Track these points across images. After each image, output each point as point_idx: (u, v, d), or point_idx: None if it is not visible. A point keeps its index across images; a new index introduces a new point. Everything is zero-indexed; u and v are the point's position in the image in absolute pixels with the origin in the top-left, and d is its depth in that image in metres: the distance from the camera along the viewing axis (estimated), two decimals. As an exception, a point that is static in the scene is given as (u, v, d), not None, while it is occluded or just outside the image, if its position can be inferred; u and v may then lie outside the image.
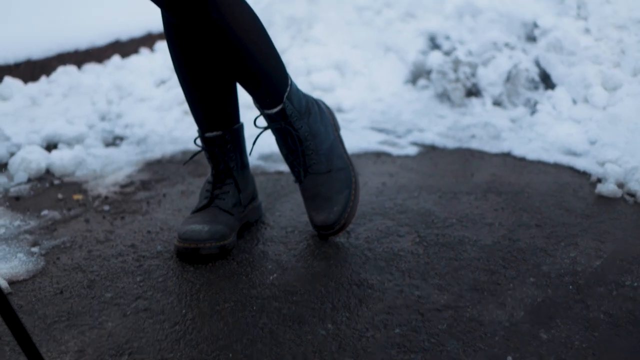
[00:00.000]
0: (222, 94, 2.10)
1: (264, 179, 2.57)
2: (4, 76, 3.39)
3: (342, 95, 3.36)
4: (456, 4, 3.57)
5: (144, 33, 4.16)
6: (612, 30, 3.29)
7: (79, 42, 3.80)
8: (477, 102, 3.27)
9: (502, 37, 3.40)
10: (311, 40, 3.68)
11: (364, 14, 3.77)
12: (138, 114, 3.19)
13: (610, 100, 3.06)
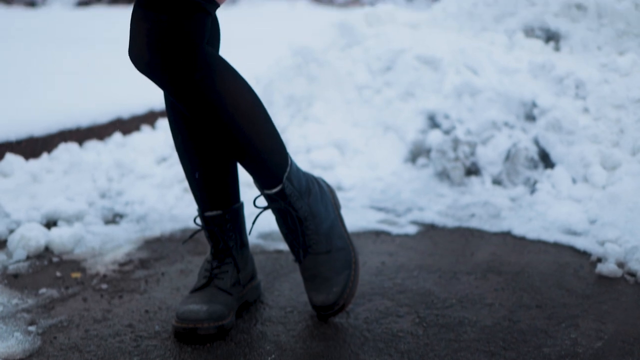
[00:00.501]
0: (222, 173, 2.10)
1: (263, 257, 2.57)
2: (5, 153, 3.40)
3: (342, 174, 3.37)
4: (455, 84, 3.60)
5: (146, 110, 4.19)
6: (610, 110, 3.31)
7: (80, 119, 3.83)
8: (477, 181, 3.28)
9: (501, 116, 3.43)
10: (311, 118, 3.70)
11: (364, 92, 3.80)
12: (138, 192, 3.20)
13: (610, 179, 3.07)
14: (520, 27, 3.94)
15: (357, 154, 3.53)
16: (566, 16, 3.82)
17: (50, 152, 3.58)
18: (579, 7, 3.77)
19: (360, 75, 3.85)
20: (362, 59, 3.92)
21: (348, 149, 3.53)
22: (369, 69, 3.88)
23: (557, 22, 3.84)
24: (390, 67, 3.86)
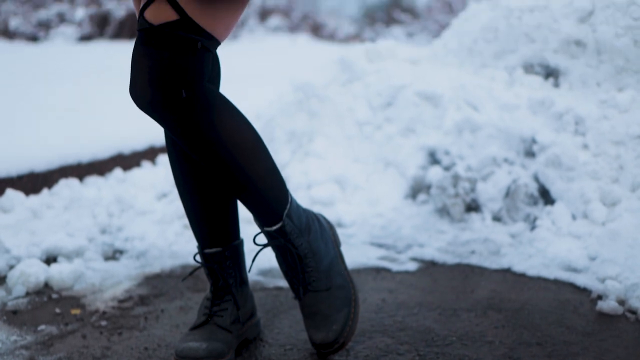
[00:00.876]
0: (222, 210, 2.11)
1: (263, 294, 2.56)
2: (5, 188, 3.41)
3: (343, 210, 3.37)
4: (455, 120, 3.62)
5: (146, 146, 4.20)
6: (610, 146, 3.32)
7: (81, 154, 3.84)
8: (477, 218, 3.28)
9: (501, 152, 3.43)
10: (312, 154, 3.71)
11: (365, 128, 3.81)
12: (138, 227, 3.20)
13: (610, 216, 3.06)
14: (520, 64, 3.96)
15: (357, 190, 3.54)
16: (565, 53, 3.84)
17: (51, 188, 3.59)
18: (578, 43, 3.79)
19: (361, 111, 3.86)
20: (362, 94, 3.93)
21: (349, 185, 3.54)
22: (369, 104, 3.90)
23: (556, 59, 3.86)
24: (391, 103, 3.88)
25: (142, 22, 1.85)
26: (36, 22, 10.93)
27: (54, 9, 10.96)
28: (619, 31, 3.64)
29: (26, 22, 10.89)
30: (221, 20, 1.88)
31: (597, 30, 3.71)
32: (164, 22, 1.81)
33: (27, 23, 10.88)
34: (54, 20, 10.93)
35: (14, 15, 10.97)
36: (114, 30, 10.98)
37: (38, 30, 10.86)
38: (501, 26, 4.06)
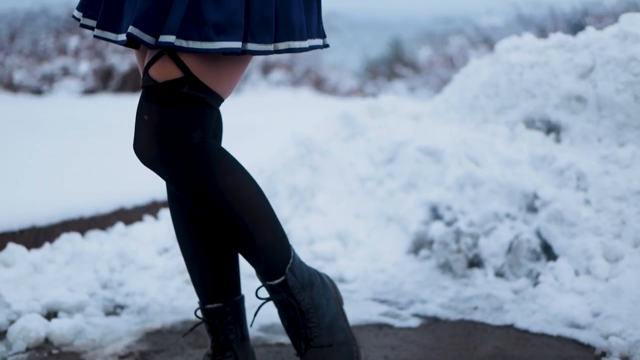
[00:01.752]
0: (223, 265, 2.11)
1: (265, 351, 2.54)
2: (7, 242, 3.41)
3: (344, 266, 3.37)
4: (457, 175, 3.62)
5: (149, 201, 4.21)
6: (611, 202, 3.32)
7: (83, 208, 3.84)
8: (479, 273, 3.27)
9: (503, 208, 3.44)
10: (314, 209, 3.71)
11: (367, 184, 3.82)
12: (140, 283, 3.19)
13: (613, 271, 3.06)
14: (521, 119, 3.97)
15: (359, 246, 3.53)
16: (566, 108, 3.86)
17: (53, 242, 3.58)
18: (579, 99, 3.81)
19: (362, 166, 3.87)
20: (364, 150, 3.95)
21: (350, 241, 3.54)
22: (371, 160, 3.91)
23: (557, 114, 3.87)
24: (393, 158, 3.89)
25: (147, 79, 1.87)
26: (40, 76, 11.00)
27: (58, 63, 11.03)
28: (620, 87, 3.66)
29: (30, 75, 10.96)
30: (224, 78, 1.90)
31: (598, 86, 3.73)
32: (168, 79, 1.84)
33: (31, 76, 10.95)
34: (58, 73, 11.00)
35: (19, 68, 11.04)
36: (118, 84, 11.05)
37: (42, 83, 10.93)
38: (502, 82, 4.09)
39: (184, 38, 1.78)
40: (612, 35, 3.80)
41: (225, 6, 1.78)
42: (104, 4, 1.94)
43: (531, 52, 4.11)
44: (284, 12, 1.86)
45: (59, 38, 11.75)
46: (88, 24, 2.00)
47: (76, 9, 2.06)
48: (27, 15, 12.79)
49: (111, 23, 1.92)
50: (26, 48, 11.98)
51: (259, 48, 1.84)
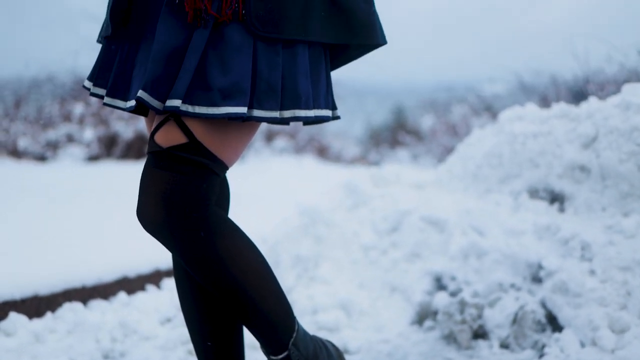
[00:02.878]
0: (227, 336, 2.09)
1: None
2: (9, 311, 3.38)
3: (348, 336, 3.34)
4: (461, 245, 3.62)
5: (152, 270, 4.19)
6: (616, 272, 3.30)
7: (86, 277, 3.82)
8: (484, 345, 3.23)
9: (507, 278, 3.42)
10: (317, 279, 3.70)
11: (370, 253, 3.81)
12: (142, 353, 3.16)
13: (619, 343, 3.03)
14: (525, 189, 3.98)
15: (363, 316, 3.51)
16: (570, 178, 3.87)
17: (55, 312, 3.56)
18: (582, 169, 3.82)
19: (366, 236, 3.87)
20: (368, 219, 3.95)
21: (354, 311, 3.52)
22: (375, 229, 3.91)
23: (561, 184, 3.88)
24: (397, 227, 3.89)
25: (152, 144, 1.88)
26: (45, 142, 11.06)
27: (63, 130, 11.10)
28: (623, 157, 3.67)
29: (35, 142, 11.02)
30: (230, 145, 1.91)
31: (601, 155, 3.74)
32: (172, 145, 1.85)
33: (35, 143, 11.00)
34: (62, 140, 11.07)
35: (23, 135, 11.11)
36: (122, 151, 11.11)
37: (46, 150, 10.98)
38: (505, 152, 4.10)
39: (189, 103, 1.79)
40: (615, 105, 3.83)
41: (231, 72, 1.80)
42: (114, 73, 1.97)
43: (534, 122, 4.13)
44: (290, 80, 1.88)
45: (64, 105, 11.84)
46: (98, 92, 2.03)
47: (87, 79, 2.10)
48: (33, 82, 12.90)
49: (121, 91, 1.95)
50: (31, 115, 12.06)
51: (264, 115, 1.84)
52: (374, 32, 2.06)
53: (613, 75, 9.99)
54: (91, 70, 2.10)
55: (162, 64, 1.80)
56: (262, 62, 1.84)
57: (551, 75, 12.85)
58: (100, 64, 2.04)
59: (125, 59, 1.96)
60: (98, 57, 2.07)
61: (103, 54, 2.04)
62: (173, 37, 1.82)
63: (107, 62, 2.02)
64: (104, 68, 2.03)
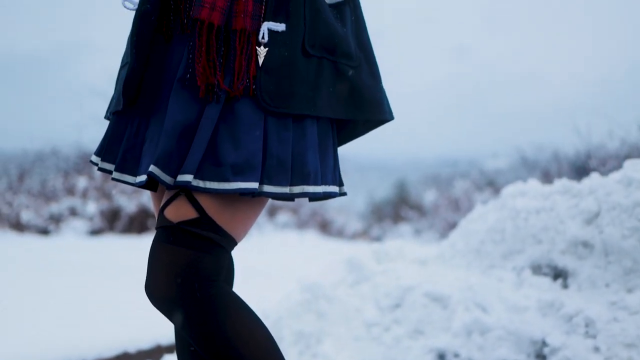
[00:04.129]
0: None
1: None
2: (7, 387, 3.36)
3: (351, 414, 3.30)
4: (464, 322, 3.59)
5: (153, 345, 4.16)
6: (621, 349, 3.27)
7: (86, 353, 3.80)
8: (489, 423, 3.19)
9: (511, 355, 3.39)
10: (320, 355, 3.66)
11: (373, 330, 3.78)
12: None
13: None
14: (528, 265, 3.97)
15: (366, 393, 3.47)
16: (573, 254, 3.86)
17: (54, 387, 3.53)
18: (585, 244, 3.81)
19: (369, 312, 3.85)
20: (371, 295, 3.93)
21: (357, 388, 3.48)
22: (377, 305, 3.89)
23: (564, 260, 3.87)
24: (399, 304, 3.86)
25: (162, 219, 1.88)
26: (48, 216, 11.08)
27: (66, 203, 11.14)
28: (626, 232, 3.67)
29: (38, 215, 11.04)
30: (239, 220, 1.91)
31: (604, 231, 3.73)
32: (182, 220, 1.85)
33: (38, 216, 11.03)
34: (65, 214, 11.09)
35: (26, 208, 11.13)
36: (124, 225, 11.12)
37: (49, 223, 11.00)
38: (508, 227, 4.10)
39: (201, 178, 1.79)
40: (617, 181, 3.84)
41: (243, 148, 1.81)
42: (123, 148, 1.97)
43: (537, 198, 4.14)
44: (299, 156, 1.89)
45: (67, 179, 11.90)
46: (106, 167, 2.03)
47: (94, 154, 2.10)
48: (37, 155, 13.00)
49: (130, 166, 1.95)
50: (34, 188, 12.12)
51: (275, 190, 1.85)
52: (381, 108, 2.08)
53: (615, 151, 10.06)
54: (99, 145, 2.10)
55: (174, 139, 1.81)
56: (273, 137, 1.85)
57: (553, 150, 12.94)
58: (108, 139, 2.04)
59: (135, 134, 1.97)
60: (106, 132, 2.08)
61: (112, 128, 2.05)
62: (185, 112, 1.83)
63: (116, 137, 2.03)
64: (113, 143, 2.03)
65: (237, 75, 1.85)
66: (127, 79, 1.97)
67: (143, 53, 1.95)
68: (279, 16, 1.90)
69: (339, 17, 2.04)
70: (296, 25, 1.91)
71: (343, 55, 2.00)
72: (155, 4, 1.95)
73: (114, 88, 2.14)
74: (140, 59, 1.95)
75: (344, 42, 2.00)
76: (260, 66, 1.86)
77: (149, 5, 1.95)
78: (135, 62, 1.95)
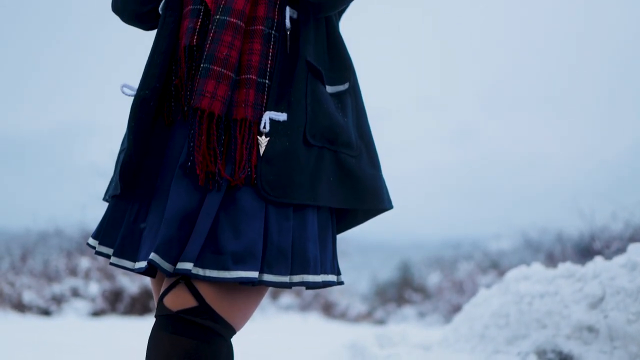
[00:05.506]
0: None
1: None
2: None
3: None
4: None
5: None
6: None
7: None
8: None
9: None
10: None
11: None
12: None
13: None
14: (533, 350, 3.93)
15: None
16: (578, 339, 3.83)
17: None
18: (590, 329, 3.79)
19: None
20: (374, 379, 3.89)
21: None
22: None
23: (569, 345, 3.84)
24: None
25: (161, 307, 1.87)
26: (50, 296, 11.03)
27: (68, 284, 11.10)
28: (631, 317, 3.64)
29: (39, 296, 10.99)
30: (239, 309, 1.90)
31: (609, 316, 3.71)
32: (182, 308, 1.84)
33: (40, 297, 10.97)
34: (67, 294, 11.04)
35: (28, 288, 11.09)
36: (126, 306, 11.06)
37: (51, 304, 10.94)
38: (512, 312, 4.08)
39: (200, 266, 1.78)
40: (621, 265, 3.83)
41: (243, 237, 1.80)
42: (122, 233, 1.96)
43: (540, 282, 4.13)
44: (300, 245, 1.88)
45: (70, 259, 11.87)
46: (104, 251, 2.02)
47: (91, 237, 2.08)
48: (40, 235, 13.00)
49: (129, 251, 1.94)
50: (37, 268, 12.10)
51: (275, 279, 1.84)
52: (381, 197, 2.09)
53: (619, 232, 10.05)
54: (96, 228, 2.08)
55: (175, 227, 1.81)
56: (273, 226, 1.85)
57: (557, 233, 12.90)
58: (107, 223, 2.03)
59: (134, 219, 1.96)
60: (104, 215, 2.07)
61: (110, 212, 2.03)
62: (186, 200, 1.84)
63: (114, 220, 2.02)
64: (111, 227, 2.02)
65: (238, 164, 1.86)
66: (125, 164, 1.97)
67: (141, 139, 1.96)
68: (281, 105, 1.91)
69: (340, 105, 2.06)
70: (298, 115, 1.92)
71: (344, 144, 2.00)
72: (154, 90, 1.96)
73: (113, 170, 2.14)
74: (138, 145, 1.96)
75: (344, 132, 2.01)
76: (261, 156, 1.87)
77: (147, 91, 1.96)
78: (133, 147, 1.95)
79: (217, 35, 1.90)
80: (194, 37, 1.96)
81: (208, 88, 1.86)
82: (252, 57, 1.93)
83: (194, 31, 1.96)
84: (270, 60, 1.94)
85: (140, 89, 1.97)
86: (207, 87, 1.87)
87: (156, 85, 1.96)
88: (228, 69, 1.88)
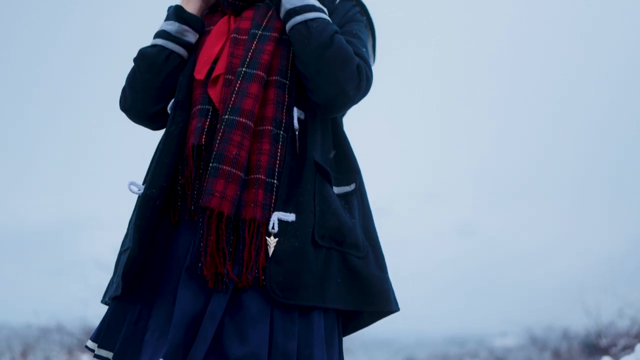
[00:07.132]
0: None
1: None
2: None
3: None
4: None
5: None
6: None
7: None
8: None
9: None
10: None
11: None
12: None
13: None
14: None
15: None
16: None
17: None
18: None
19: None
20: None
21: None
22: None
23: None
24: None
25: None
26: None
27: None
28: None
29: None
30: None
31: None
32: None
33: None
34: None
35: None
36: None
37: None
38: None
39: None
40: (630, 366, 3.80)
41: (248, 343, 1.77)
42: (123, 335, 1.92)
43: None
44: (306, 349, 1.85)
45: (71, 355, 11.75)
46: (103, 355, 1.97)
47: (90, 339, 2.03)
48: (41, 331, 12.88)
49: (129, 355, 1.89)
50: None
51: None
52: (388, 299, 2.06)
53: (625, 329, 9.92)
54: (96, 329, 2.03)
55: (182, 332, 1.78)
56: (279, 331, 1.82)
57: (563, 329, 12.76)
58: (107, 325, 1.99)
59: (135, 321, 1.93)
60: (104, 317, 2.02)
61: (110, 314, 2.00)
62: (191, 304, 1.81)
63: (114, 323, 1.98)
64: (111, 329, 1.97)
65: (245, 265, 1.83)
66: (128, 264, 1.93)
67: (147, 237, 1.93)
68: (289, 206, 1.90)
69: (347, 206, 2.04)
70: (306, 215, 1.91)
71: (351, 246, 1.98)
72: (161, 189, 1.94)
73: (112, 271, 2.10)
74: (143, 244, 1.92)
75: (352, 233, 1.99)
76: (271, 257, 1.84)
77: (154, 190, 1.94)
78: (138, 246, 1.92)
79: (227, 135, 1.88)
80: (202, 137, 1.94)
81: (217, 187, 1.84)
82: (261, 157, 1.91)
83: (203, 130, 1.95)
84: (278, 160, 1.92)
85: (148, 188, 1.95)
86: (217, 186, 1.84)
87: (163, 184, 1.94)
88: (237, 169, 1.87)
